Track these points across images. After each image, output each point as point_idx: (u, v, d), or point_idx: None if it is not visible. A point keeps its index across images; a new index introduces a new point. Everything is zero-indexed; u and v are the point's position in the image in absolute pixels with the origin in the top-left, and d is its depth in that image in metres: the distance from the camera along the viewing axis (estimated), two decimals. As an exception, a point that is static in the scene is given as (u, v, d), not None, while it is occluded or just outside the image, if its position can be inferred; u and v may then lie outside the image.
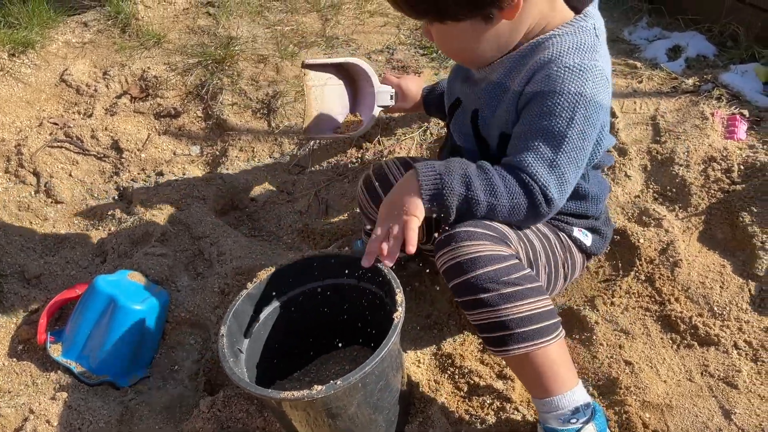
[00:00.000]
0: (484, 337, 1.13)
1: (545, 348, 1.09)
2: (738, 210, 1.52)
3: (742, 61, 2.03)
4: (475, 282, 1.07)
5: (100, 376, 1.41)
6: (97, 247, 1.76)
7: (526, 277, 1.09)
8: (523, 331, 1.07)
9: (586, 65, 1.07)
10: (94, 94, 2.29)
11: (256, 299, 1.25)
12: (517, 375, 1.19)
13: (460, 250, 1.09)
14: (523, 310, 1.07)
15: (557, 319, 1.12)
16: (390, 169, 1.34)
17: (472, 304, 1.09)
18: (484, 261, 1.07)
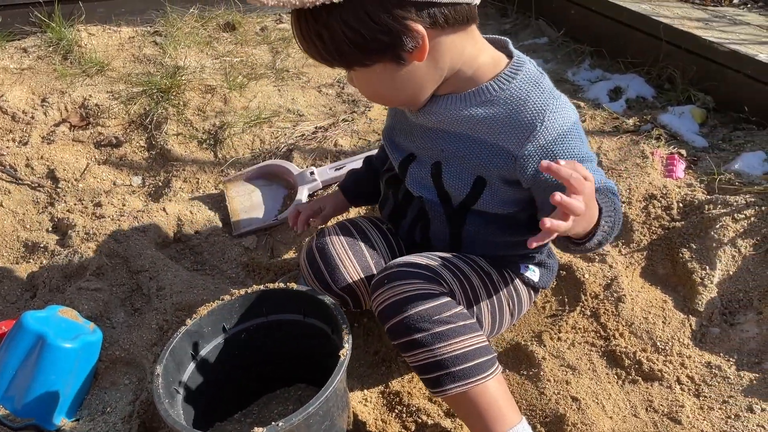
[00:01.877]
0: (423, 379, 1.12)
1: (483, 385, 1.08)
2: (678, 246, 1.56)
3: (679, 103, 2.12)
4: (407, 322, 1.07)
5: (24, 419, 1.32)
6: (27, 281, 1.67)
7: (458, 315, 1.09)
8: (459, 369, 1.07)
9: (560, 100, 1.12)
10: (30, 122, 2.21)
11: (195, 336, 1.20)
12: (459, 415, 1.18)
13: (393, 290, 1.10)
14: (456, 348, 1.07)
15: (493, 354, 1.12)
16: (332, 242, 1.27)
17: (407, 345, 1.09)
18: (415, 299, 1.07)
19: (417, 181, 1.25)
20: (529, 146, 1.09)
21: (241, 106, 2.24)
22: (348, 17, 0.98)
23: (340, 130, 2.09)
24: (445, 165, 1.19)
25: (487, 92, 1.11)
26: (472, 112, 1.13)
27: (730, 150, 1.89)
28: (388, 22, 0.98)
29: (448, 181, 1.20)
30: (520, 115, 1.10)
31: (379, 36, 0.99)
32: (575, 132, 1.11)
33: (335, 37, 1.00)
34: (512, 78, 1.11)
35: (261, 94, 2.30)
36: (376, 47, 1.01)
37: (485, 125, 1.13)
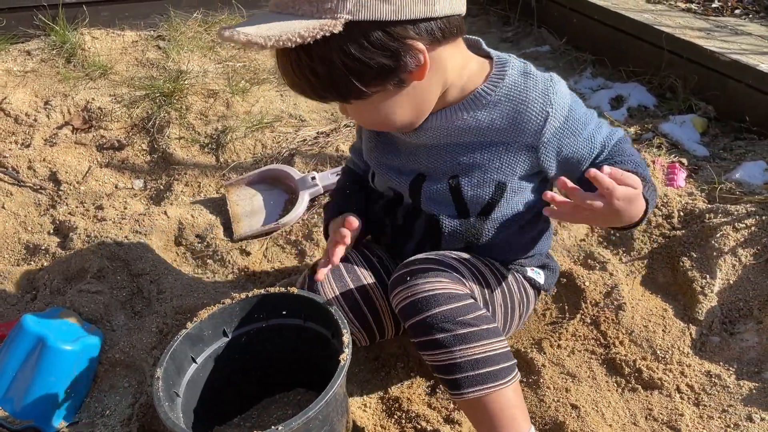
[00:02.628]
0: (440, 379, 1.10)
1: (500, 391, 1.07)
2: (678, 255, 1.56)
3: (681, 112, 2.12)
4: (430, 322, 1.06)
5: (24, 421, 1.32)
6: (28, 284, 1.67)
7: (481, 318, 1.08)
8: (478, 373, 1.06)
9: (554, 79, 1.13)
10: (33, 124, 2.21)
11: (196, 340, 1.19)
12: (470, 419, 1.17)
13: (416, 287, 1.08)
14: (477, 351, 1.06)
15: (513, 361, 1.11)
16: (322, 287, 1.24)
17: (427, 344, 1.08)
18: (439, 300, 1.06)
19: (433, 200, 1.21)
20: (547, 133, 1.11)
21: (244, 111, 2.24)
22: (347, 46, 0.94)
23: (341, 135, 2.10)
24: (464, 177, 1.17)
25: (485, 95, 1.11)
26: (476, 118, 1.12)
27: (731, 159, 1.89)
28: (389, 43, 0.96)
29: (468, 192, 1.18)
30: (527, 107, 1.10)
31: (380, 60, 0.97)
32: (575, 99, 1.14)
33: (334, 70, 0.96)
34: (503, 76, 1.11)
35: (263, 99, 2.31)
36: (377, 73, 0.98)
37: (494, 127, 1.12)
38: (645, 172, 1.12)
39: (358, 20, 0.92)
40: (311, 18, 0.93)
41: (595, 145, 1.14)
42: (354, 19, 0.92)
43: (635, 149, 1.18)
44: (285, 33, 0.91)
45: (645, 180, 1.07)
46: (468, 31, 1.10)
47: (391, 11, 0.93)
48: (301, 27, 0.91)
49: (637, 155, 1.15)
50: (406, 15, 0.94)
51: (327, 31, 0.91)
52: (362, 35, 0.94)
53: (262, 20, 0.96)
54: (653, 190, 1.12)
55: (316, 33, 0.90)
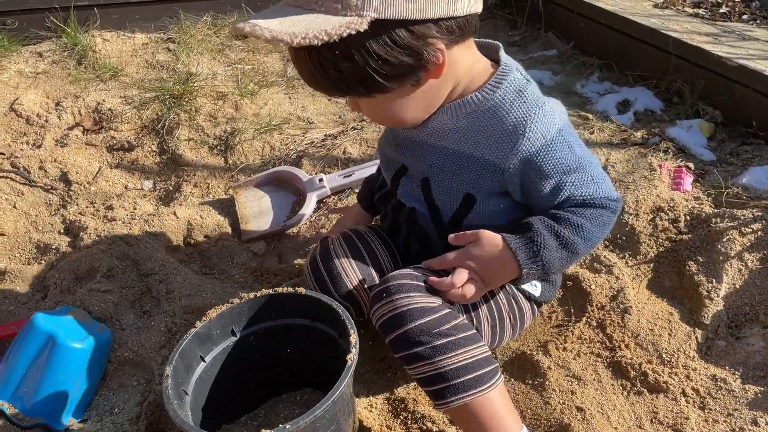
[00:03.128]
0: (426, 391, 1.13)
1: (484, 396, 1.08)
2: (685, 259, 1.57)
3: (687, 117, 2.12)
4: (408, 336, 1.08)
5: (34, 419, 1.33)
6: (39, 282, 1.69)
7: (458, 327, 1.10)
8: (461, 381, 1.07)
9: (543, 108, 1.10)
10: (44, 125, 2.23)
11: (204, 339, 1.21)
12: (460, 426, 1.19)
13: (392, 303, 1.10)
14: (457, 360, 1.07)
15: (495, 365, 1.12)
16: (335, 251, 1.29)
17: (409, 358, 1.10)
18: (415, 313, 1.08)
19: (408, 194, 1.25)
20: (514, 159, 1.09)
21: (252, 113, 2.26)
22: (371, 44, 0.95)
23: (349, 137, 2.11)
24: (433, 180, 1.19)
25: (471, 103, 1.11)
26: (456, 124, 1.13)
27: (738, 164, 1.89)
28: (412, 42, 0.96)
29: (437, 196, 1.20)
30: (502, 126, 1.10)
31: (402, 58, 0.97)
32: (561, 140, 1.10)
33: (356, 67, 0.97)
34: (496, 88, 1.10)
35: (272, 102, 2.32)
36: (397, 71, 0.99)
37: (470, 138, 1.13)
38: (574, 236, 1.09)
39: (384, 18, 0.93)
40: (336, 15, 0.92)
41: (561, 194, 1.11)
42: (379, 17, 0.92)
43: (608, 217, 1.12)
44: (311, 30, 0.90)
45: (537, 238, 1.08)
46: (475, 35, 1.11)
47: (415, 10, 0.94)
48: (327, 24, 0.91)
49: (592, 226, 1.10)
50: (430, 14, 0.95)
51: (353, 29, 0.91)
52: (386, 33, 0.95)
53: (280, 14, 0.95)
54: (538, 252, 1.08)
55: (342, 31, 0.90)
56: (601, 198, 1.11)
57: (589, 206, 1.11)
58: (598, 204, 1.11)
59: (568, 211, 1.10)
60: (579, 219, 1.10)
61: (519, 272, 1.10)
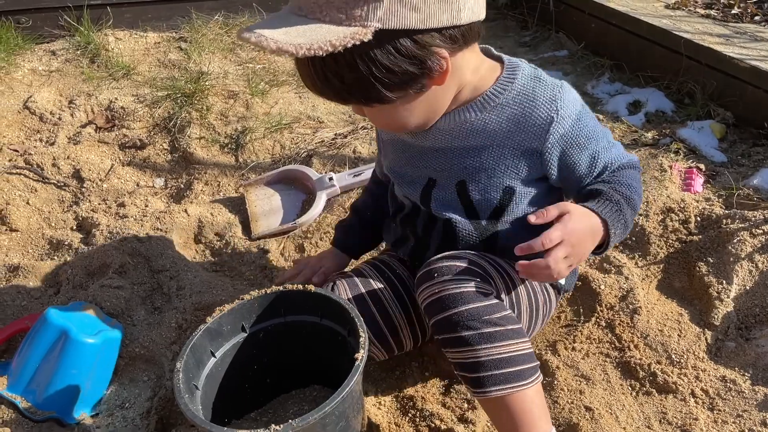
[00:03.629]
0: (462, 376, 1.11)
1: (522, 392, 1.08)
2: (695, 260, 1.56)
3: (699, 118, 2.12)
4: (456, 319, 1.06)
5: (46, 412, 1.35)
6: (51, 278, 1.71)
7: (507, 318, 1.09)
8: (502, 372, 1.06)
9: (564, 86, 1.13)
10: (57, 123, 2.26)
11: (215, 335, 1.22)
12: (490, 416, 1.17)
13: (442, 285, 1.09)
14: (502, 351, 1.07)
15: (536, 363, 1.12)
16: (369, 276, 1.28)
17: (452, 341, 1.08)
18: (466, 298, 1.07)
19: (444, 204, 1.22)
20: (551, 138, 1.11)
21: (263, 112, 2.27)
22: (375, 53, 0.95)
23: (358, 137, 2.12)
24: (470, 181, 1.18)
25: (493, 98, 1.12)
26: (484, 120, 1.13)
27: (749, 165, 1.89)
28: (416, 51, 0.96)
29: (476, 196, 1.19)
30: (533, 111, 1.11)
31: (406, 67, 0.98)
32: (586, 111, 1.14)
33: (360, 76, 0.97)
34: (513, 79, 1.12)
35: (282, 101, 2.34)
36: (401, 80, 0.99)
37: (501, 130, 1.13)
38: (631, 193, 1.11)
39: (388, 29, 0.93)
40: (340, 25, 0.92)
41: (598, 164, 1.14)
42: (384, 27, 0.92)
43: (639, 177, 1.17)
44: (316, 41, 0.90)
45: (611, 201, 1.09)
46: (486, 36, 1.11)
47: (419, 20, 0.94)
48: (331, 35, 0.91)
49: (636, 184, 1.14)
50: (433, 23, 0.95)
51: (357, 40, 0.91)
52: (390, 43, 0.95)
53: (285, 23, 0.95)
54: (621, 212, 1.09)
55: (347, 42, 0.90)
56: (628, 160, 1.17)
57: (624, 168, 1.15)
58: (629, 165, 1.16)
59: (612, 175, 1.14)
60: (625, 179, 1.13)
61: (606, 235, 1.08)
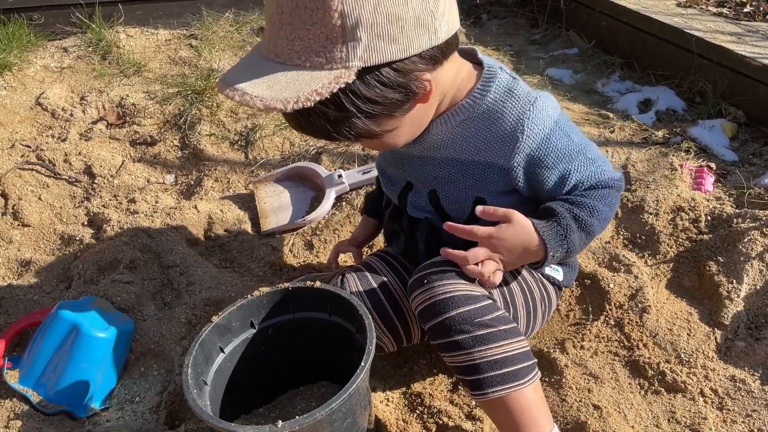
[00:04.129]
0: (461, 380, 1.12)
1: (520, 391, 1.08)
2: (705, 259, 1.56)
3: (710, 117, 2.11)
4: (449, 324, 1.07)
5: (57, 406, 1.36)
6: (63, 273, 1.72)
7: (499, 319, 1.09)
8: (498, 374, 1.07)
9: (537, 104, 1.11)
10: (69, 119, 2.27)
11: (224, 330, 1.22)
12: (491, 417, 1.18)
13: (433, 290, 1.09)
14: (497, 352, 1.07)
15: (533, 360, 1.12)
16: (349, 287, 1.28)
17: (447, 346, 1.09)
18: (457, 302, 1.08)
19: (418, 208, 1.26)
20: (516, 157, 1.11)
21: (273, 109, 2.28)
22: (360, 89, 0.94)
23: (369, 134, 2.12)
24: (440, 191, 1.20)
25: (464, 111, 1.12)
26: (453, 133, 1.14)
27: (761, 164, 1.87)
28: (399, 79, 0.96)
29: (446, 206, 1.21)
30: (500, 128, 1.11)
31: (392, 96, 0.97)
32: (558, 130, 1.11)
33: (348, 114, 0.96)
34: (486, 91, 1.11)
35: (292, 98, 2.34)
36: (387, 108, 0.99)
37: (469, 145, 1.14)
38: (590, 218, 1.10)
39: (369, 66, 0.92)
40: (321, 69, 0.91)
41: (568, 183, 1.12)
42: (365, 65, 0.92)
43: (615, 197, 1.15)
44: (302, 93, 0.89)
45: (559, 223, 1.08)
46: (496, 34, 1.11)
47: (399, 50, 0.93)
48: (316, 84, 0.90)
49: (603, 206, 1.12)
50: (413, 50, 0.95)
51: (342, 83, 0.90)
52: (373, 76, 0.94)
53: (264, 72, 0.93)
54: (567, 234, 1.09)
55: (332, 87, 0.90)
56: (606, 179, 1.13)
57: (596, 188, 1.13)
58: (604, 185, 1.13)
59: (580, 195, 1.12)
60: (592, 201, 1.11)
61: (544, 256, 1.09)
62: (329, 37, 0.90)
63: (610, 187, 1.14)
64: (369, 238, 1.56)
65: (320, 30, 0.90)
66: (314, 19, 0.89)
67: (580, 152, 1.12)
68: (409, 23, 0.92)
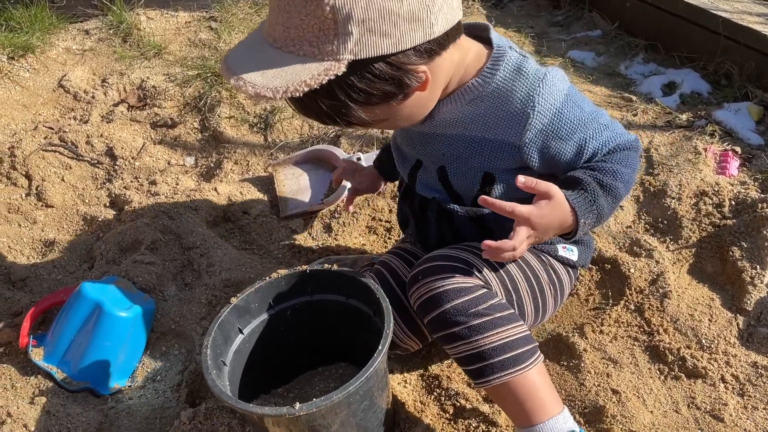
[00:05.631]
0: (465, 371, 1.14)
1: (523, 375, 1.09)
2: (728, 245, 1.53)
3: (736, 100, 2.06)
4: (445, 316, 1.09)
5: (80, 383, 1.39)
6: (86, 253, 1.75)
7: (495, 306, 1.10)
8: (498, 360, 1.08)
9: (546, 79, 1.10)
10: (91, 101, 2.29)
11: (243, 312, 1.23)
12: (500, 405, 1.19)
13: (428, 285, 1.11)
14: (494, 339, 1.08)
15: (534, 344, 1.12)
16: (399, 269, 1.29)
17: (447, 338, 1.11)
18: (450, 295, 1.09)
19: (427, 186, 1.26)
20: (528, 134, 1.10)
21: (292, 92, 2.27)
22: (352, 80, 0.95)
23: (388, 117, 2.11)
24: (449, 168, 1.20)
25: (473, 90, 1.11)
26: (462, 112, 1.13)
27: (788, 149, 1.84)
28: (392, 73, 0.96)
29: (455, 182, 1.21)
30: (510, 106, 1.10)
31: (384, 88, 0.98)
32: (569, 102, 1.11)
33: (339, 103, 0.97)
34: (495, 70, 1.10)
35: (311, 80, 2.33)
36: (380, 99, 0.99)
37: (479, 123, 1.13)
38: (614, 182, 1.09)
39: (361, 59, 0.92)
40: (313, 59, 0.92)
41: (586, 151, 1.12)
42: (356, 58, 0.92)
43: (635, 158, 1.14)
44: (292, 83, 0.91)
45: (586, 190, 1.06)
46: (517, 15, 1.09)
47: (391, 44, 0.93)
48: (305, 74, 0.91)
49: (625, 168, 1.11)
50: (406, 44, 0.94)
51: (331, 75, 0.91)
52: (365, 69, 0.94)
53: (261, 56, 0.95)
54: (595, 200, 1.07)
55: (322, 79, 0.91)
56: (623, 141, 1.13)
57: (615, 152, 1.12)
58: (622, 147, 1.13)
59: (600, 161, 1.11)
60: (613, 165, 1.10)
61: (575, 226, 1.08)
62: (321, 28, 0.90)
63: (629, 149, 1.13)
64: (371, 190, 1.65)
65: (313, 21, 0.90)
66: (308, 9, 0.90)
67: (593, 120, 1.12)
68: (402, 18, 0.92)
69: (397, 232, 1.75)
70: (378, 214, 1.79)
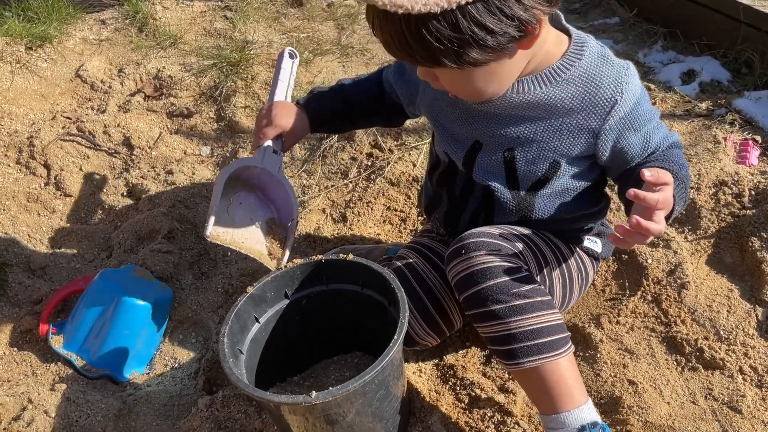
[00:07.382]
0: (495, 350, 1.12)
1: (555, 362, 1.08)
2: (748, 235, 1.52)
3: (756, 88, 2.03)
4: (486, 294, 1.07)
5: (99, 370, 1.41)
6: (104, 242, 1.76)
7: (536, 290, 1.09)
8: (534, 344, 1.07)
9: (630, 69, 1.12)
10: (108, 91, 2.31)
11: (259, 301, 1.24)
12: (525, 389, 1.18)
13: (471, 260, 1.10)
14: (533, 322, 1.07)
15: (567, 333, 1.12)
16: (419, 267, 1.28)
17: (483, 316, 1.09)
18: (494, 272, 1.07)
19: (486, 170, 1.21)
20: (611, 120, 1.11)
21: (306, 81, 2.27)
22: (482, 14, 0.89)
23: (403, 106, 2.10)
24: (519, 150, 1.17)
25: (560, 72, 1.09)
26: (547, 94, 1.11)
27: (810, 138, 1.80)
28: (519, 12, 0.92)
29: (522, 166, 1.18)
30: (599, 90, 1.10)
31: (507, 30, 0.93)
32: (644, 93, 1.14)
33: (459, 36, 0.91)
34: (580, 55, 1.10)
35: (326, 70, 2.33)
36: (499, 43, 0.94)
37: (563, 106, 1.11)
38: (685, 172, 1.13)
39: None
40: None
41: (650, 144, 1.13)
42: None
43: (682, 153, 1.17)
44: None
45: (678, 179, 1.07)
46: (534, 2, 1.08)
47: None
48: None
49: (684, 162, 1.15)
50: None
51: None
52: (497, 4, 0.90)
53: None
54: (684, 189, 1.11)
55: (460, 0, 0.86)
56: (675, 140, 1.17)
57: (671, 148, 1.16)
58: (675, 144, 1.17)
59: (663, 154, 1.14)
60: (678, 159, 1.14)
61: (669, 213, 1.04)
62: None
63: (679, 147, 1.17)
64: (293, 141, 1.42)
65: None
66: None
67: (654, 116, 1.15)
68: None
69: (412, 221, 1.75)
70: (393, 204, 1.79)
